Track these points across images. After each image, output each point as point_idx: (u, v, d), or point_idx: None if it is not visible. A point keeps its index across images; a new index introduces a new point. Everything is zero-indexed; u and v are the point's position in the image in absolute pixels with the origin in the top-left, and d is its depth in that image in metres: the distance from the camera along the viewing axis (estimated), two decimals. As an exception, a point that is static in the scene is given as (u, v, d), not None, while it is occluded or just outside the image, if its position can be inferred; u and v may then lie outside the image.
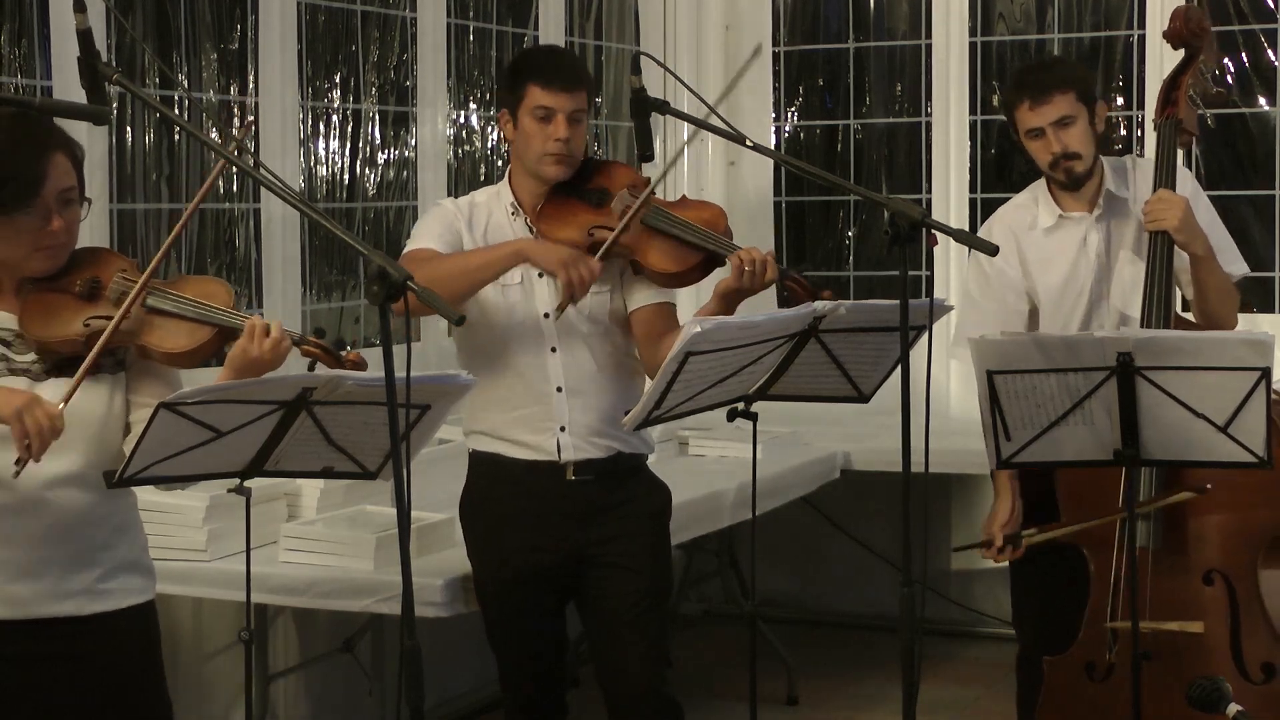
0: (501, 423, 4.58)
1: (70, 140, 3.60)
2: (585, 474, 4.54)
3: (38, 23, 5.14)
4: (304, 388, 3.45)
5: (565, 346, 4.51)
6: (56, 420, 3.32)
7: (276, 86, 6.01)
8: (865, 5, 8.07)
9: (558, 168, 4.49)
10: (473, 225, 4.55)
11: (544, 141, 4.46)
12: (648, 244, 4.43)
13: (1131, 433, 4.01)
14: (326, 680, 5.99)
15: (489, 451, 4.61)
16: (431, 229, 4.54)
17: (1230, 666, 4.56)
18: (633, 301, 4.54)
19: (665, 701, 4.65)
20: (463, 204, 4.62)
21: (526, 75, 4.51)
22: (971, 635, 7.65)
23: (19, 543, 3.55)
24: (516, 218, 4.55)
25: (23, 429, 3.28)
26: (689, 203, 4.62)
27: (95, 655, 3.65)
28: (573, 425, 4.52)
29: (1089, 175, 4.94)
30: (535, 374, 4.52)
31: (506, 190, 4.60)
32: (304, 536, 5.15)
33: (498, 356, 4.53)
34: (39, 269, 3.57)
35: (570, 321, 4.48)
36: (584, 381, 4.52)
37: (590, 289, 4.35)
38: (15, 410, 3.29)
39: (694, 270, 4.44)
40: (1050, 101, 4.83)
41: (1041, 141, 4.89)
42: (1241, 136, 7.45)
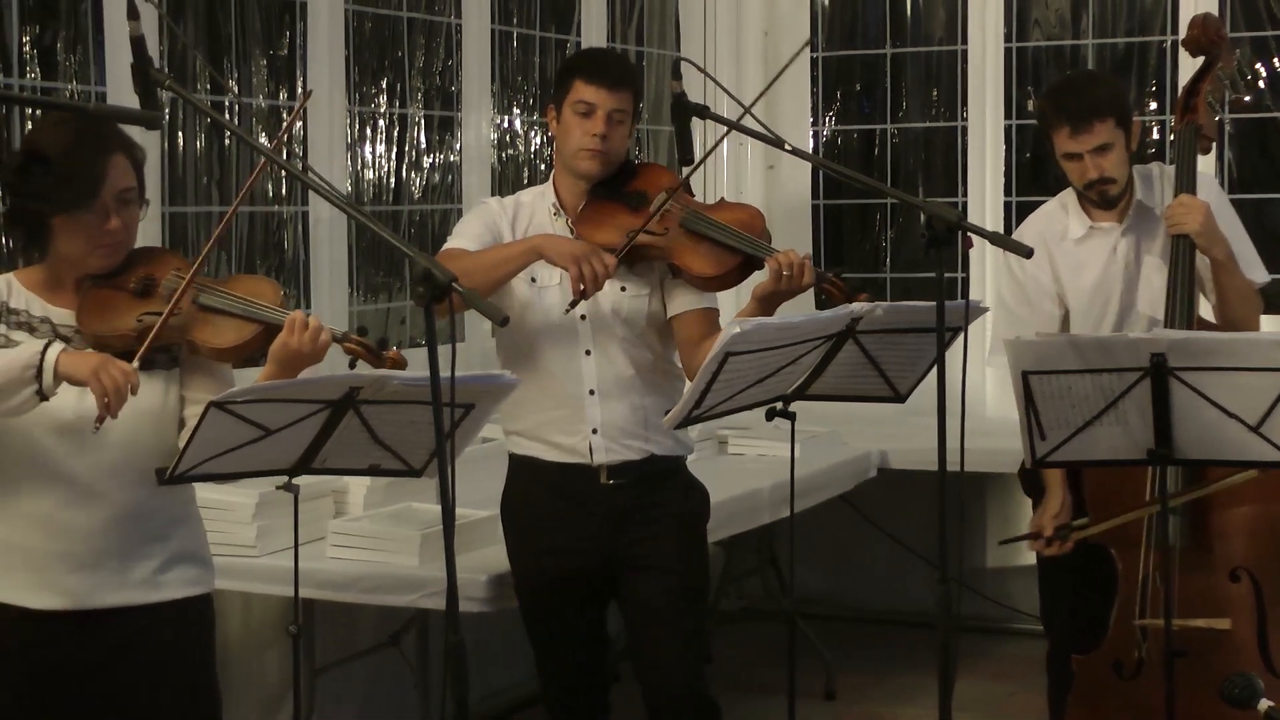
0: (535, 424, 4.58)
1: (131, 142, 3.64)
2: (620, 477, 4.53)
3: (92, 30, 5.17)
4: (351, 387, 3.46)
5: (599, 349, 4.51)
6: (131, 376, 3.35)
7: (325, 92, 6.02)
8: (902, 11, 8.07)
9: (592, 163, 4.48)
10: (515, 224, 4.56)
11: (582, 136, 4.46)
12: (686, 247, 4.42)
13: (1165, 433, 4.00)
14: (372, 674, 6.01)
15: (526, 454, 4.62)
16: (471, 228, 4.55)
17: (1258, 662, 4.56)
18: (673, 307, 4.52)
19: (702, 700, 4.65)
20: (508, 203, 4.62)
21: (573, 71, 4.53)
22: (1007, 632, 7.64)
23: (77, 535, 3.59)
24: (558, 218, 4.55)
25: (101, 386, 3.31)
26: (727, 205, 4.61)
27: (150, 645, 3.69)
28: (605, 428, 4.51)
29: (1123, 194, 4.93)
30: (568, 376, 4.52)
31: (550, 190, 4.60)
32: (351, 533, 5.17)
33: (532, 357, 4.53)
34: (98, 266, 3.61)
35: (606, 324, 4.48)
36: (617, 385, 4.51)
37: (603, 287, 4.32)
38: (92, 369, 3.32)
39: (732, 273, 4.43)
40: (1091, 130, 4.81)
41: (1078, 165, 4.87)
42: (1274, 140, 7.42)
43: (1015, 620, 7.60)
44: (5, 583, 3.61)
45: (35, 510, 3.59)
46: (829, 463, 6.69)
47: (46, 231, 3.57)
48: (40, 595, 3.60)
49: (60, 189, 3.51)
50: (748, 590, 7.77)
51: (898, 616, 7.75)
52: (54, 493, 3.58)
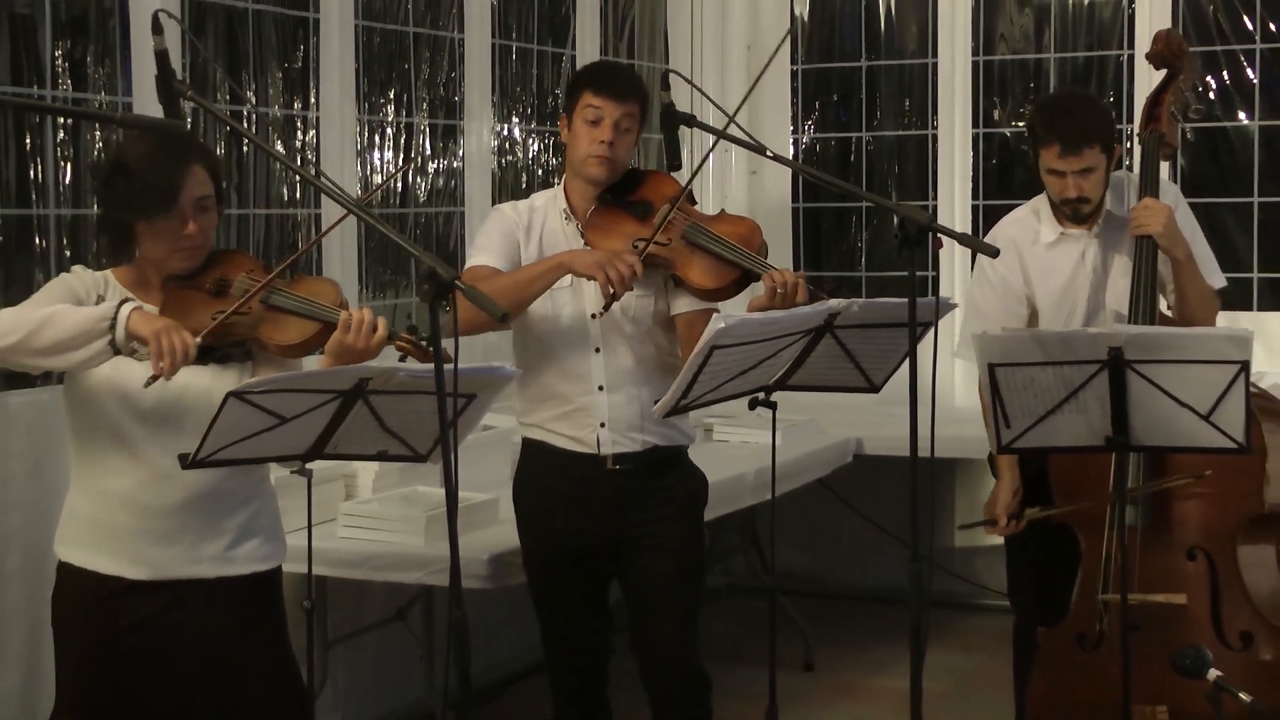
0: (548, 418, 4.57)
1: (209, 152, 3.75)
2: (625, 464, 4.53)
3: (119, 44, 5.16)
4: (360, 378, 3.46)
5: (608, 347, 4.50)
6: (190, 346, 3.40)
7: (336, 102, 6.02)
8: (877, 27, 8.07)
9: (600, 168, 4.47)
10: (530, 229, 4.54)
11: (590, 143, 4.46)
12: (688, 259, 4.40)
13: (1122, 421, 4.00)
14: (381, 647, 6.01)
15: (538, 439, 4.62)
16: (490, 241, 4.52)
17: (1211, 636, 4.55)
18: (676, 307, 4.51)
19: (695, 672, 4.65)
20: (522, 208, 4.60)
21: (584, 82, 4.53)
22: (974, 607, 7.65)
23: (156, 513, 3.67)
24: (569, 223, 4.54)
25: (159, 346, 3.36)
26: (726, 217, 4.57)
27: (221, 616, 3.75)
28: (612, 422, 4.50)
29: (1093, 213, 4.94)
30: (579, 373, 4.50)
31: (561, 195, 4.58)
32: (360, 514, 5.17)
33: (546, 355, 4.52)
34: (178, 267, 3.69)
35: (615, 323, 4.46)
36: (624, 380, 4.50)
37: (633, 287, 4.30)
38: (155, 330, 3.38)
39: (730, 286, 4.40)
40: (1079, 155, 4.79)
41: (1060, 181, 4.86)
42: (1223, 148, 7.43)
43: (982, 596, 7.62)
44: (91, 553, 3.70)
45: (118, 489, 3.67)
46: (808, 449, 6.70)
47: (132, 236, 3.67)
48: (121, 565, 3.68)
49: (142, 197, 3.60)
50: (732, 568, 7.76)
51: (872, 593, 7.75)
52: (135, 474, 3.66)
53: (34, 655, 4.61)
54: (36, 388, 4.75)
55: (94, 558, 3.70)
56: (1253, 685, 4.18)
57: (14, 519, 4.74)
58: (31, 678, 4.68)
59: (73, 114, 5.16)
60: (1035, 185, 5.06)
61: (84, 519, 3.73)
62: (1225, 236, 7.23)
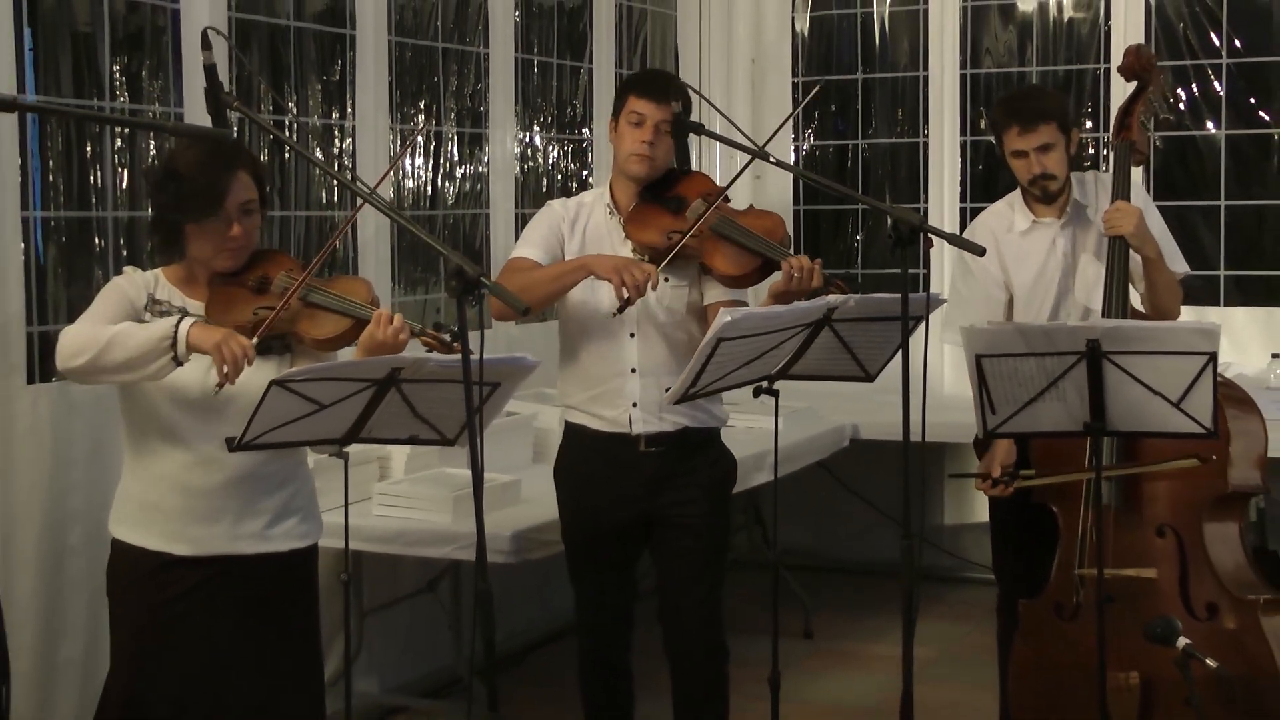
0: (585, 399, 4.58)
1: (254, 159, 3.76)
2: (656, 445, 4.53)
3: (172, 59, 5.17)
4: (393, 368, 3.47)
5: (642, 333, 4.50)
6: (249, 350, 3.44)
7: (370, 112, 6.03)
8: (872, 42, 8.06)
9: (640, 166, 4.48)
10: (575, 223, 4.56)
11: (633, 143, 4.47)
12: (715, 249, 4.40)
13: (1099, 408, 4.01)
14: (412, 617, 6.02)
15: (577, 423, 4.62)
16: (535, 234, 4.54)
17: (1179, 607, 4.55)
18: (708, 296, 4.51)
19: (716, 644, 4.65)
20: (570, 205, 4.62)
21: (629, 87, 4.54)
22: (961, 580, 7.65)
23: (200, 494, 3.69)
24: (613, 217, 4.55)
25: (222, 356, 3.41)
26: (754, 212, 4.57)
27: (259, 589, 3.76)
28: (644, 403, 4.50)
29: (1061, 191, 4.97)
30: (614, 357, 4.51)
31: (607, 192, 4.60)
32: (393, 494, 5.18)
33: (585, 340, 4.53)
34: (223, 266, 3.71)
35: (650, 311, 4.47)
36: (656, 364, 4.50)
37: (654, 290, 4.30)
38: (215, 342, 3.42)
39: (752, 274, 4.41)
40: (1036, 131, 4.87)
41: (1024, 161, 4.93)
42: (1193, 155, 7.42)
43: (969, 570, 7.61)
44: (141, 531, 3.73)
45: (165, 471, 3.70)
46: (808, 434, 6.70)
47: (181, 236, 3.69)
48: (168, 542, 3.70)
49: (190, 201, 3.63)
50: (737, 544, 7.75)
51: (867, 567, 7.74)
52: (181, 457, 3.68)
53: (94, 623, 4.63)
54: (95, 377, 4.76)
55: (144, 535, 3.72)
56: (1218, 652, 4.20)
57: (75, 499, 4.75)
58: (92, 643, 4.70)
59: (129, 124, 5.18)
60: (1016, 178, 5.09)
61: (135, 500, 3.75)
62: (1194, 237, 7.22)
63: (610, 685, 4.80)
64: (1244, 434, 4.65)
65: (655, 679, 4.80)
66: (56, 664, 4.75)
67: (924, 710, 4.05)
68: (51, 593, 4.72)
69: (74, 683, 4.76)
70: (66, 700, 4.76)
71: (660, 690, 4.75)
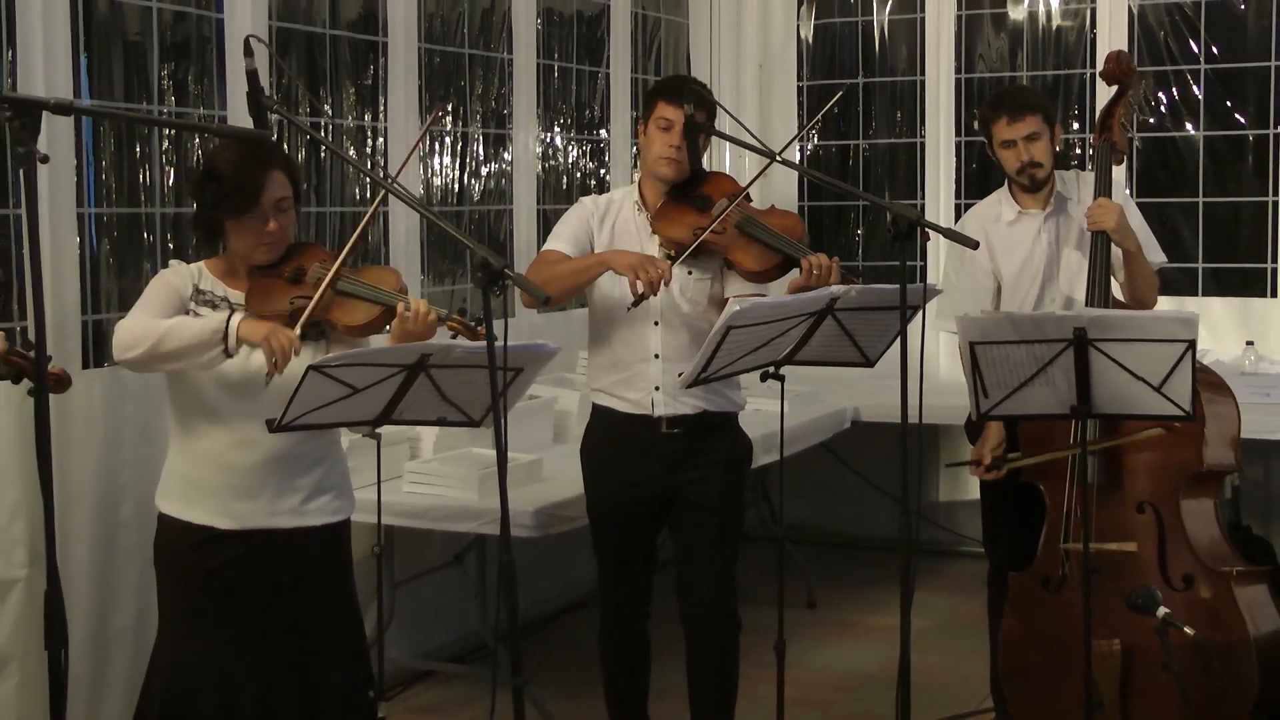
0: (611, 382, 4.58)
1: (289, 159, 3.78)
2: (676, 427, 4.53)
3: (216, 65, 5.17)
4: (422, 354, 3.47)
5: (666, 322, 4.50)
6: (295, 341, 3.47)
7: (401, 114, 6.03)
8: (872, 48, 8.04)
9: (669, 168, 4.48)
10: (605, 219, 4.56)
11: (661, 146, 4.47)
12: (739, 246, 4.41)
13: (1084, 392, 4.00)
14: (441, 587, 6.03)
15: (604, 405, 4.62)
16: (566, 229, 4.55)
17: (1158, 578, 4.56)
18: (729, 289, 4.50)
19: (730, 615, 4.65)
20: (601, 201, 4.62)
21: (657, 94, 4.54)
22: (955, 554, 7.65)
23: (240, 471, 3.70)
24: (640, 214, 4.55)
25: (270, 348, 3.44)
26: (776, 212, 4.58)
27: (296, 561, 3.77)
28: (665, 386, 4.50)
29: (1046, 181, 4.97)
30: (638, 343, 4.51)
31: (635, 190, 4.60)
32: (423, 472, 5.19)
33: (612, 328, 4.54)
34: (261, 259, 3.72)
35: (673, 302, 4.47)
36: (678, 351, 4.49)
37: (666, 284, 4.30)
38: (263, 335, 3.46)
39: (774, 269, 4.41)
40: (1023, 119, 4.89)
41: (1012, 151, 4.94)
42: (1173, 155, 7.41)
43: (962, 545, 7.62)
44: (186, 506, 3.74)
45: (209, 450, 3.71)
46: (812, 416, 6.70)
47: (221, 232, 3.72)
48: (211, 516, 3.72)
49: (229, 199, 3.65)
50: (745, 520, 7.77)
51: (867, 541, 7.74)
52: (224, 437, 3.69)
53: (144, 593, 4.64)
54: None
55: (188, 510, 3.74)
56: (1194, 620, 4.20)
57: (126, 475, 4.77)
58: (142, 612, 4.71)
59: (175, 126, 5.19)
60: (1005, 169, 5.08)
61: (180, 477, 3.77)
62: (1174, 232, 7.22)
63: (628, 651, 4.80)
64: (1219, 417, 4.65)
65: (671, 646, 4.80)
66: (109, 631, 4.76)
67: (920, 676, 4.06)
68: (104, 564, 4.74)
69: (126, 648, 4.78)
70: (119, 665, 4.78)
71: (675, 656, 4.76)
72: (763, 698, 4.68)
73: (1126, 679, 4.56)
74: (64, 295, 4.61)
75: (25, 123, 2.70)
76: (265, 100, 3.68)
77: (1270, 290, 7.24)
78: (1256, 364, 6.90)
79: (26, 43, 4.47)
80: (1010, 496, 4.98)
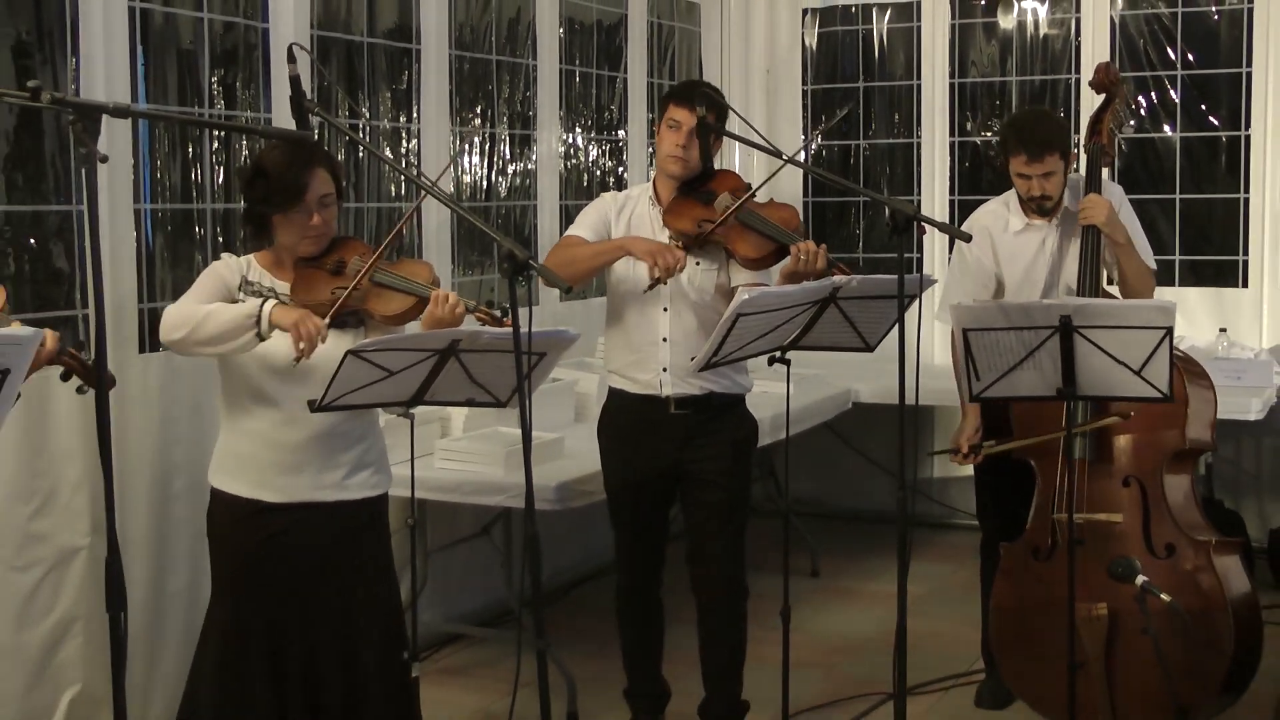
0: (623, 364, 4.59)
1: (331, 158, 3.79)
2: (684, 408, 4.53)
3: (261, 71, 5.18)
4: (453, 340, 3.48)
5: (674, 308, 4.51)
6: (322, 329, 3.48)
7: (433, 116, 6.03)
8: (872, 54, 8.02)
9: (675, 166, 4.50)
10: (622, 211, 4.59)
11: (670, 145, 4.49)
12: (739, 237, 4.42)
13: (1070, 375, 4.00)
14: (470, 556, 6.04)
15: (618, 387, 4.64)
16: (587, 219, 4.58)
17: (1141, 547, 4.55)
18: (735, 279, 4.52)
19: (738, 584, 4.67)
20: (619, 196, 4.66)
21: (670, 96, 4.56)
22: (949, 526, 7.64)
23: (286, 448, 3.71)
24: (654, 208, 4.57)
25: (298, 334, 3.45)
26: (774, 204, 4.58)
27: (337, 532, 3.78)
28: (673, 368, 4.51)
29: (1055, 208, 4.94)
30: (648, 326, 4.53)
31: (650, 187, 4.63)
32: (453, 449, 5.20)
33: (627, 311, 4.56)
34: (306, 251, 3.73)
35: (681, 289, 4.49)
36: (685, 335, 4.51)
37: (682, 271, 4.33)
38: (293, 321, 3.46)
39: (770, 256, 4.42)
40: (1042, 161, 4.83)
41: (1027, 183, 4.89)
42: (1151, 155, 7.39)
43: (955, 517, 7.61)
44: (235, 480, 3.76)
45: (257, 429, 3.72)
46: (815, 398, 6.69)
47: (269, 226, 3.71)
48: (259, 490, 3.73)
49: (276, 195, 3.65)
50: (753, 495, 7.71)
51: (867, 514, 7.74)
52: (270, 416, 3.70)
53: (196, 560, 4.66)
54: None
55: (238, 484, 3.75)
56: (1175, 587, 4.21)
57: (179, 452, 4.78)
58: (195, 577, 4.73)
59: (224, 127, 5.18)
60: (1000, 184, 5.09)
61: (230, 453, 3.77)
62: (1153, 226, 7.18)
63: (643, 616, 4.81)
64: (1201, 399, 4.65)
65: (683, 611, 4.81)
66: (165, 595, 4.78)
67: (916, 639, 4.05)
68: (160, 534, 4.75)
69: (180, 611, 4.80)
70: (174, 626, 4.80)
71: (687, 621, 4.77)
72: (769, 659, 4.68)
73: (1110, 642, 4.56)
74: (122, 285, 4.62)
75: (87, 125, 2.70)
76: (307, 103, 3.69)
77: (1242, 281, 7.23)
78: (1229, 349, 6.89)
79: (88, 52, 4.49)
80: (1002, 473, 4.97)
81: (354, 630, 3.79)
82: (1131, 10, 7.35)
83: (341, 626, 3.78)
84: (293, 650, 3.74)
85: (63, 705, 4.48)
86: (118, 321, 4.60)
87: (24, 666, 4.39)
